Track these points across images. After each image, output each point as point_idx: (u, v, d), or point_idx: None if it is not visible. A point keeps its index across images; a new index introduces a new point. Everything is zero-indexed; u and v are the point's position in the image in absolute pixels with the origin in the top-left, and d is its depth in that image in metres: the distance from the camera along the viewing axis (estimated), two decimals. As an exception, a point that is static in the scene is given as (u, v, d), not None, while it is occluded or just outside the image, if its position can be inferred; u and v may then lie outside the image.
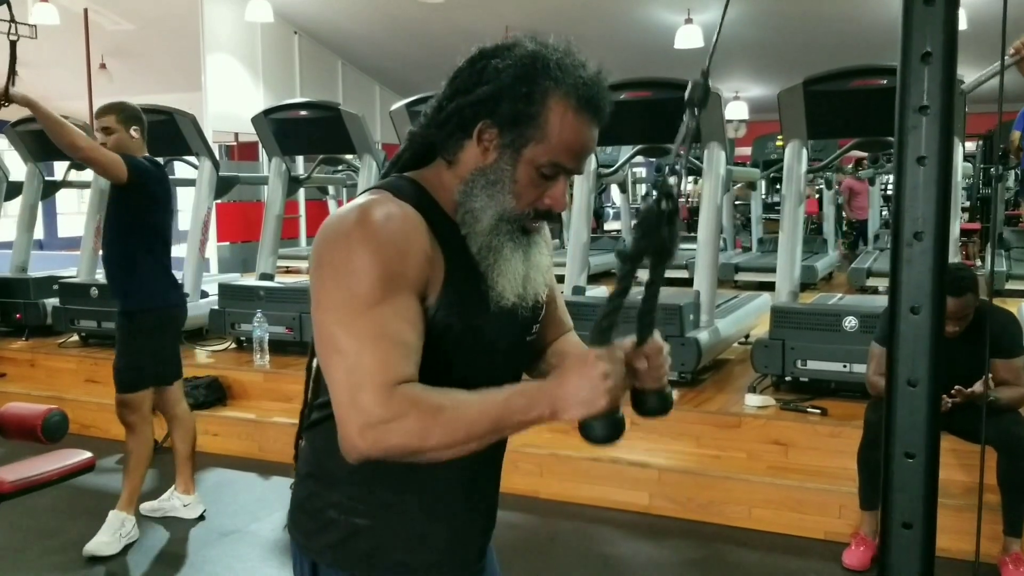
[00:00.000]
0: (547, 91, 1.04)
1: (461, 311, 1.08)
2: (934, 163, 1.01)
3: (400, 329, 1.01)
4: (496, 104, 1.04)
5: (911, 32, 1.00)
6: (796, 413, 3.66)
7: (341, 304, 1.00)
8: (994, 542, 2.97)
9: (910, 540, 1.04)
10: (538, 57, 1.05)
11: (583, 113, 1.05)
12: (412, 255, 1.03)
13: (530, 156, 1.05)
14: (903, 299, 1.02)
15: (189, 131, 5.51)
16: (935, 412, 1.03)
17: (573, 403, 0.99)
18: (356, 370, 0.98)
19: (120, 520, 3.19)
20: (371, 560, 1.14)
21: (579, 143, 1.07)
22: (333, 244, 1.02)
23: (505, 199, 1.06)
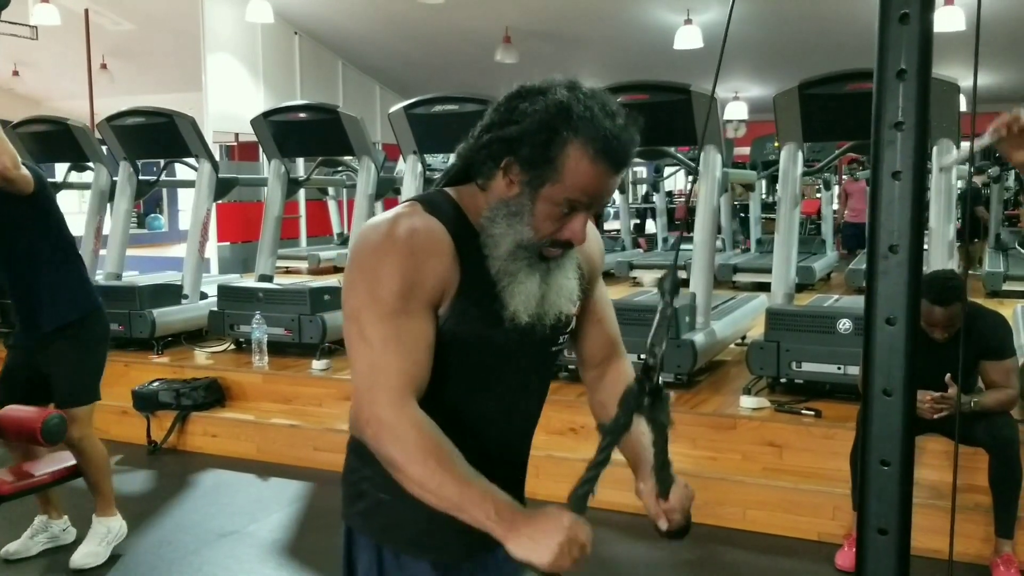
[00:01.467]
0: (566, 140, 1.11)
1: (469, 322, 1.17)
2: (908, 178, 1.03)
3: (415, 339, 1.13)
4: (520, 145, 1.13)
5: (886, 49, 1.03)
6: (791, 415, 3.68)
7: (368, 305, 1.13)
8: (987, 543, 2.99)
9: (886, 546, 1.06)
10: (563, 107, 1.12)
11: (599, 163, 1.12)
12: (429, 268, 1.14)
13: (547, 194, 1.14)
14: (879, 310, 1.05)
15: (188, 133, 5.54)
16: (910, 421, 1.05)
17: (520, 545, 1.07)
18: (377, 367, 1.12)
19: (105, 527, 3.12)
20: (390, 532, 1.26)
21: (593, 188, 1.14)
22: (364, 250, 1.15)
23: (523, 230, 1.15)
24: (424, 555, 1.27)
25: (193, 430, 4.53)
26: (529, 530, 1.08)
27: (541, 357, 1.30)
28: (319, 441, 4.25)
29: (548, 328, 1.24)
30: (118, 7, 9.76)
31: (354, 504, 1.30)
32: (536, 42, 9.93)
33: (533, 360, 1.29)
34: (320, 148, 5.70)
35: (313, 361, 4.71)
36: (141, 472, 4.25)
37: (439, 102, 4.86)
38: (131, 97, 8.14)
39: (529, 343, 1.24)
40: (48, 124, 5.90)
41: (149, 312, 5.13)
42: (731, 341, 4.81)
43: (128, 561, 3.19)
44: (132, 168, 5.94)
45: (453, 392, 1.22)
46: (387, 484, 1.20)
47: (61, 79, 10.95)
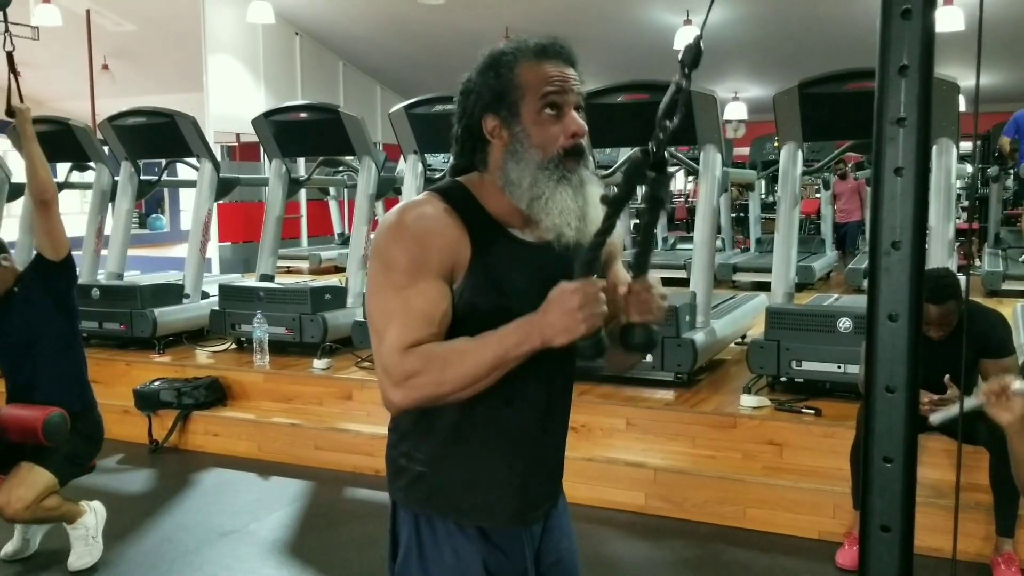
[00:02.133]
0: (510, 65, 1.24)
1: (483, 292, 1.24)
2: (911, 173, 1.03)
3: (421, 305, 1.21)
4: (481, 99, 1.25)
5: (888, 45, 1.03)
6: (791, 413, 3.68)
7: (381, 286, 1.23)
8: (987, 542, 3.00)
9: (889, 543, 1.07)
10: (494, 52, 1.26)
11: (546, 60, 1.24)
12: (436, 247, 1.22)
13: (526, 114, 1.23)
14: (881, 307, 1.05)
15: (190, 133, 5.54)
16: (913, 418, 1.05)
17: (556, 331, 1.14)
18: (384, 339, 1.20)
19: (82, 528, 3.06)
20: (430, 501, 1.33)
21: (553, 77, 1.24)
22: (379, 238, 1.25)
23: (531, 155, 1.23)
24: (461, 519, 1.33)
25: (194, 429, 4.53)
26: (551, 318, 1.14)
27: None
28: (320, 440, 4.26)
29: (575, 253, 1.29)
30: (119, 8, 9.77)
31: (396, 480, 1.37)
32: (536, 42, 9.93)
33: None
34: (321, 148, 5.70)
35: (314, 360, 4.71)
36: (142, 471, 4.25)
37: (439, 102, 4.86)
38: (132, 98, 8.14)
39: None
40: (49, 124, 5.89)
41: (151, 311, 5.13)
42: (731, 340, 4.81)
43: (130, 560, 3.20)
44: (133, 168, 5.94)
45: None
46: (425, 457, 1.31)
47: (63, 80, 10.96)
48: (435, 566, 1.32)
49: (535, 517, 1.39)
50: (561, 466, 1.44)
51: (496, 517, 1.34)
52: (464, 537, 1.33)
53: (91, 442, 3.12)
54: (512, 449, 1.33)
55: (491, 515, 1.33)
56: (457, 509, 1.33)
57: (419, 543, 1.34)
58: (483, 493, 1.32)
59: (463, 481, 1.31)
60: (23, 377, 3.01)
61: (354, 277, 5.31)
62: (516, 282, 1.25)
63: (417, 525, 1.34)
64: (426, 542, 1.33)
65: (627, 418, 3.79)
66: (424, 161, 5.22)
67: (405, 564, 1.35)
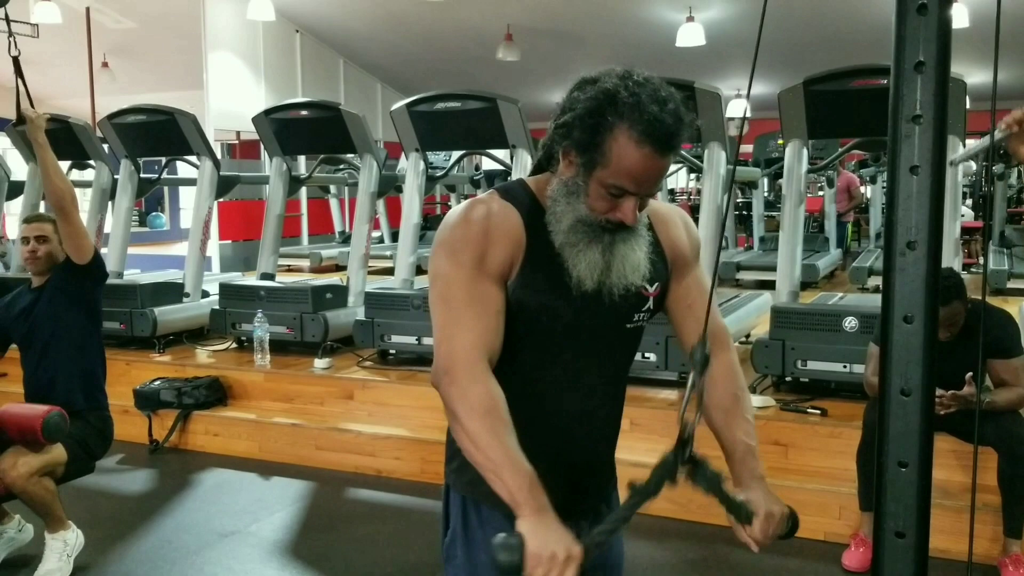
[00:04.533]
0: (612, 125, 1.19)
1: (534, 291, 1.28)
2: (927, 172, 1.01)
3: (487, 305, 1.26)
4: (571, 131, 1.23)
5: (904, 41, 1.00)
6: (796, 413, 3.66)
7: (447, 272, 1.27)
8: (994, 543, 2.97)
9: (903, 549, 1.04)
10: (609, 94, 1.20)
11: (643, 147, 1.19)
12: (499, 244, 1.27)
13: (598, 177, 1.23)
14: (896, 308, 1.02)
15: (190, 131, 5.51)
16: (928, 422, 1.02)
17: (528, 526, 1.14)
18: (453, 324, 1.25)
19: (61, 541, 2.98)
20: (475, 487, 1.34)
21: (639, 171, 1.21)
22: (446, 228, 1.30)
23: (580, 207, 1.25)
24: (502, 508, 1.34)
25: (195, 429, 4.51)
26: (543, 524, 1.15)
27: (615, 333, 1.36)
28: (321, 440, 4.23)
29: (618, 299, 1.30)
30: (119, 5, 9.74)
31: (450, 463, 1.43)
32: (538, 40, 9.90)
33: (607, 337, 1.35)
34: (322, 146, 5.68)
35: (315, 360, 4.69)
36: (142, 471, 4.23)
37: (441, 99, 4.83)
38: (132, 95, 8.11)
39: (599, 317, 1.32)
40: (49, 122, 5.85)
41: (151, 310, 5.11)
42: (735, 339, 4.78)
43: (130, 561, 3.18)
44: (133, 166, 5.92)
45: (525, 362, 1.32)
46: None
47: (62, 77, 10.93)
48: (479, 548, 1.37)
49: (580, 515, 1.39)
50: (610, 465, 1.48)
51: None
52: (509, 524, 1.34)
53: (102, 437, 3.16)
54: (558, 445, 1.37)
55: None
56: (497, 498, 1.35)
57: (465, 525, 1.40)
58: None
59: None
60: (45, 373, 3.06)
61: (355, 276, 5.28)
62: (566, 283, 1.28)
63: (465, 508, 1.40)
64: (472, 525, 1.39)
65: (631, 418, 3.76)
66: (426, 159, 5.19)
67: (452, 544, 1.42)
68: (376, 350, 4.77)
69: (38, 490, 2.88)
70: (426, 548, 3.25)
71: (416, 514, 3.61)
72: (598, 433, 1.43)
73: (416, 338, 4.55)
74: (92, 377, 3.16)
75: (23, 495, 2.87)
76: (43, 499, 2.91)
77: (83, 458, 3.07)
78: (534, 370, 1.33)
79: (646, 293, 1.34)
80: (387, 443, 4.08)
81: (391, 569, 3.13)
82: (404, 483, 3.93)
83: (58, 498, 2.98)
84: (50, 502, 2.93)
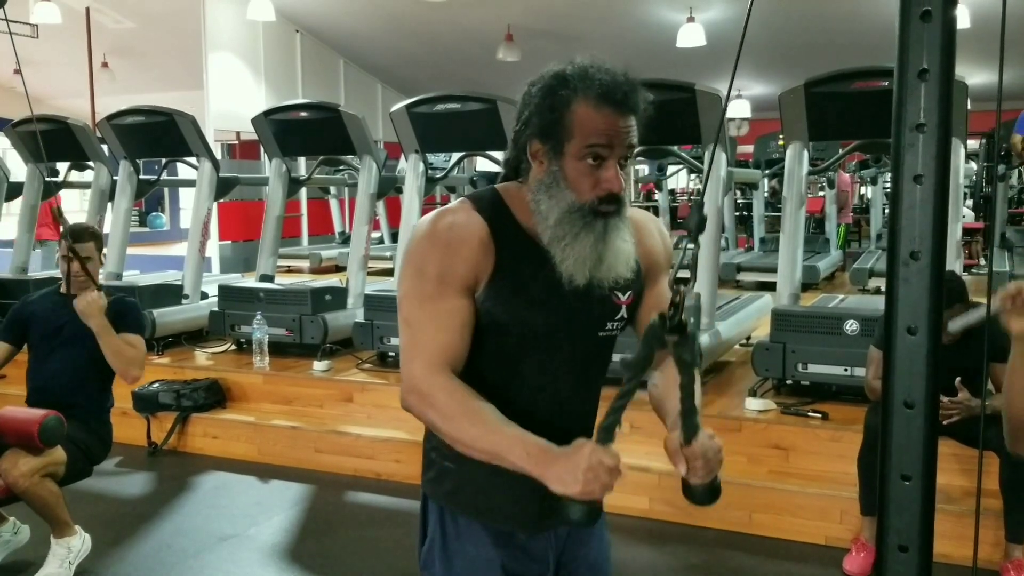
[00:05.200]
0: (568, 99, 1.21)
1: (504, 303, 1.26)
2: (931, 181, 0.99)
3: (448, 319, 1.25)
4: (530, 120, 1.25)
5: (907, 49, 0.99)
6: (797, 417, 3.64)
7: (411, 291, 1.27)
8: (996, 548, 2.96)
9: (906, 564, 1.03)
10: (558, 74, 1.23)
11: (603, 106, 1.20)
12: (463, 257, 1.25)
13: (569, 152, 1.22)
14: (899, 319, 1.01)
15: (189, 132, 5.50)
16: (932, 434, 1.01)
17: (554, 478, 1.16)
18: (414, 344, 1.26)
19: (65, 547, 2.97)
20: (454, 497, 1.38)
21: (606, 129, 1.21)
22: (412, 244, 1.30)
23: (565, 195, 1.23)
24: (481, 518, 1.38)
25: (193, 431, 4.50)
26: (559, 465, 1.16)
27: (587, 342, 1.34)
28: (320, 443, 4.22)
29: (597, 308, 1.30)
30: (119, 5, 9.73)
31: (426, 472, 1.43)
32: (538, 40, 9.88)
33: (579, 346, 1.33)
34: (322, 147, 5.66)
35: (314, 362, 4.68)
36: (141, 474, 4.22)
37: (441, 101, 4.82)
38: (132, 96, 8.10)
39: (572, 324, 1.30)
40: (48, 123, 5.86)
41: (149, 312, 5.08)
42: (736, 342, 4.77)
43: (128, 564, 3.16)
44: (132, 167, 5.91)
45: (495, 371, 1.31)
46: (450, 454, 1.33)
47: (62, 77, 10.92)
48: (456, 558, 1.38)
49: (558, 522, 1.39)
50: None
51: (516, 520, 1.38)
52: (486, 534, 1.38)
53: (102, 443, 3.16)
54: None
55: (511, 518, 1.37)
56: (479, 508, 1.38)
57: (443, 534, 1.40)
58: (504, 496, 1.35)
59: (486, 483, 1.34)
60: (52, 374, 3.08)
61: (355, 277, 5.27)
62: (535, 293, 1.27)
63: (442, 517, 1.40)
64: (449, 534, 1.39)
65: (631, 421, 3.74)
66: (425, 160, 5.18)
67: (429, 553, 1.42)
68: (375, 352, 4.75)
69: (41, 491, 2.87)
70: (425, 552, 3.24)
71: (415, 517, 3.58)
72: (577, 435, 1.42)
73: (416, 340, 4.53)
74: (99, 384, 3.17)
75: (26, 495, 2.85)
76: (46, 500, 2.89)
77: (81, 461, 3.06)
78: (505, 379, 1.32)
79: (619, 302, 1.33)
80: (386, 446, 4.07)
81: (390, 572, 3.12)
82: (403, 486, 3.92)
83: (63, 501, 2.96)
84: (54, 504, 2.92)
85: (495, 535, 1.37)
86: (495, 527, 1.37)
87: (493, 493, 1.35)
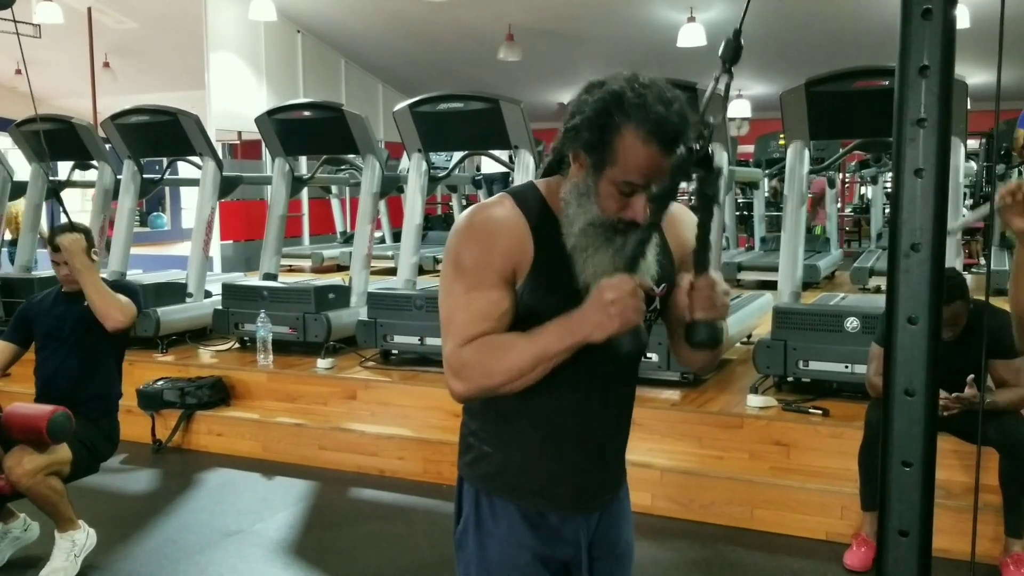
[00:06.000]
0: (619, 125, 1.22)
1: (543, 296, 1.30)
2: (931, 175, 1.02)
3: (482, 306, 1.29)
4: (580, 133, 1.26)
5: (909, 45, 1.01)
6: (798, 414, 3.67)
7: (449, 286, 1.32)
8: (995, 543, 2.98)
9: (907, 548, 1.05)
10: (616, 95, 1.23)
11: (650, 145, 1.21)
12: (500, 250, 1.29)
13: (607, 176, 1.25)
14: (900, 309, 1.03)
15: (193, 131, 5.53)
16: (932, 421, 1.03)
17: (591, 326, 1.21)
18: (449, 333, 1.30)
19: (70, 541, 2.98)
20: (491, 480, 1.42)
21: (647, 167, 1.23)
22: (453, 237, 1.33)
23: (592, 208, 1.27)
24: (516, 499, 1.41)
25: (198, 429, 4.52)
26: (589, 318, 1.21)
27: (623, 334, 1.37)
28: (324, 440, 4.25)
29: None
30: (121, 5, 9.76)
31: (463, 456, 1.46)
32: (539, 40, 9.91)
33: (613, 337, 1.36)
34: (324, 146, 5.69)
35: (318, 360, 4.70)
36: (146, 471, 4.24)
37: (444, 100, 4.85)
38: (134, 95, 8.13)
39: None
40: (52, 123, 5.89)
41: (153, 311, 5.11)
42: (737, 340, 4.79)
43: (134, 560, 3.19)
44: (136, 166, 5.93)
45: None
46: (488, 438, 1.41)
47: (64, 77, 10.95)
48: (489, 539, 1.42)
49: (592, 506, 1.45)
50: (621, 457, 1.50)
51: (552, 503, 1.41)
52: (519, 516, 1.41)
53: (109, 440, 3.19)
54: (571, 440, 1.40)
55: (547, 501, 1.41)
56: (515, 491, 1.41)
57: (477, 516, 1.43)
58: (540, 479, 1.40)
59: (522, 466, 1.40)
60: (59, 372, 3.10)
61: (358, 276, 5.29)
62: (572, 286, 1.28)
63: (478, 500, 1.43)
64: (484, 516, 1.42)
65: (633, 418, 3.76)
66: (428, 159, 5.21)
67: (463, 534, 1.45)
68: (379, 350, 4.78)
69: (43, 489, 2.89)
70: (429, 547, 3.27)
71: (419, 514, 3.62)
72: (609, 429, 1.45)
73: (419, 338, 4.56)
74: (106, 382, 3.20)
75: (29, 493, 2.87)
76: (49, 498, 2.91)
77: (88, 459, 3.08)
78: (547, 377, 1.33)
79: (653, 293, 1.35)
80: (390, 443, 4.09)
81: (394, 569, 3.14)
82: (407, 483, 3.94)
83: (66, 498, 2.98)
84: (57, 501, 2.94)
85: (528, 518, 1.41)
86: (529, 509, 1.41)
87: (529, 475, 1.40)
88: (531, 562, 1.41)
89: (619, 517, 1.51)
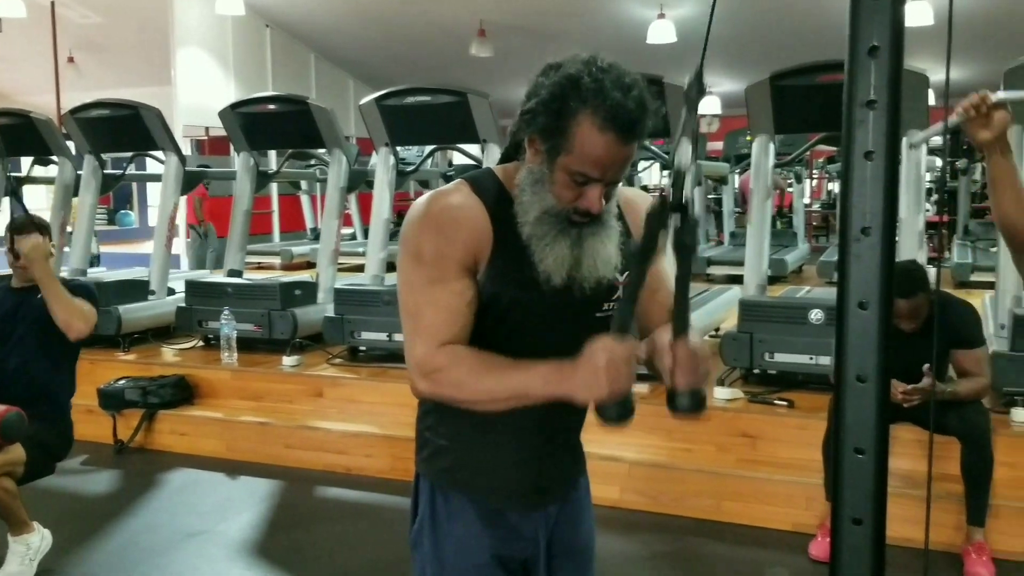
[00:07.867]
0: (575, 111, 1.17)
1: (504, 284, 1.26)
2: (881, 158, 1.00)
3: (449, 300, 1.24)
4: (535, 117, 1.21)
5: (858, 25, 1.00)
6: (764, 405, 3.68)
7: (410, 276, 1.27)
8: (958, 531, 3.01)
9: (861, 536, 1.04)
10: (573, 79, 1.18)
11: (607, 132, 1.17)
12: (460, 239, 1.24)
13: (562, 163, 1.20)
14: (851, 294, 1.02)
15: (155, 125, 5.43)
16: (884, 408, 1.02)
17: (579, 387, 1.16)
18: (415, 329, 1.25)
19: (24, 545, 2.92)
20: (448, 475, 1.39)
21: (603, 157, 1.18)
22: (408, 227, 1.28)
23: (546, 197, 1.23)
24: (474, 495, 1.39)
25: (161, 428, 4.44)
26: (579, 377, 1.15)
27: (586, 323, 1.32)
28: (290, 439, 4.19)
29: (589, 292, 1.28)
30: (84, -1, 9.58)
31: (420, 451, 1.43)
32: (511, 36, 9.88)
33: (577, 326, 1.31)
34: (290, 140, 5.61)
35: (283, 357, 4.64)
36: (107, 472, 4.16)
37: (411, 93, 4.80)
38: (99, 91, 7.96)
39: (570, 308, 1.30)
40: (11, 117, 5.76)
41: (115, 308, 5.02)
42: (705, 333, 4.80)
43: (94, 562, 3.12)
44: (97, 161, 5.82)
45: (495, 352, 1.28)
46: (445, 432, 1.38)
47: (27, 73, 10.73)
48: (445, 538, 1.39)
49: (550, 500, 1.43)
50: (579, 449, 1.48)
51: (509, 499, 1.39)
52: (476, 513, 1.38)
53: (63, 439, 3.11)
54: (528, 434, 1.37)
55: (504, 496, 1.39)
56: (471, 487, 1.38)
57: (433, 514, 1.40)
58: (498, 475, 1.38)
59: (479, 461, 1.37)
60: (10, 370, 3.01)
61: (325, 272, 5.23)
62: (533, 274, 1.25)
63: (433, 497, 1.40)
64: (439, 513, 1.39)
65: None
66: (396, 154, 5.16)
67: (419, 532, 1.42)
68: (346, 347, 4.73)
69: None
70: (396, 545, 3.22)
71: (387, 511, 3.58)
72: (566, 421, 1.42)
73: (387, 334, 4.52)
74: (61, 381, 3.12)
75: None
76: (2, 500, 2.84)
77: (43, 460, 3.00)
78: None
79: (617, 283, 1.33)
80: (357, 441, 4.05)
81: (361, 567, 3.11)
82: (374, 480, 3.90)
83: (20, 500, 2.91)
84: (9, 503, 2.86)
85: (486, 515, 1.38)
86: (487, 506, 1.38)
87: (487, 471, 1.37)
88: (488, 562, 1.38)
89: (579, 511, 1.49)
